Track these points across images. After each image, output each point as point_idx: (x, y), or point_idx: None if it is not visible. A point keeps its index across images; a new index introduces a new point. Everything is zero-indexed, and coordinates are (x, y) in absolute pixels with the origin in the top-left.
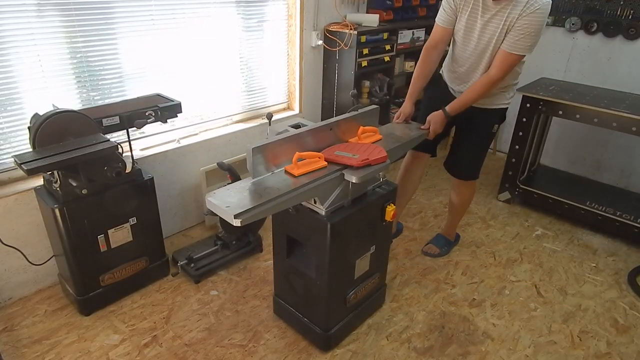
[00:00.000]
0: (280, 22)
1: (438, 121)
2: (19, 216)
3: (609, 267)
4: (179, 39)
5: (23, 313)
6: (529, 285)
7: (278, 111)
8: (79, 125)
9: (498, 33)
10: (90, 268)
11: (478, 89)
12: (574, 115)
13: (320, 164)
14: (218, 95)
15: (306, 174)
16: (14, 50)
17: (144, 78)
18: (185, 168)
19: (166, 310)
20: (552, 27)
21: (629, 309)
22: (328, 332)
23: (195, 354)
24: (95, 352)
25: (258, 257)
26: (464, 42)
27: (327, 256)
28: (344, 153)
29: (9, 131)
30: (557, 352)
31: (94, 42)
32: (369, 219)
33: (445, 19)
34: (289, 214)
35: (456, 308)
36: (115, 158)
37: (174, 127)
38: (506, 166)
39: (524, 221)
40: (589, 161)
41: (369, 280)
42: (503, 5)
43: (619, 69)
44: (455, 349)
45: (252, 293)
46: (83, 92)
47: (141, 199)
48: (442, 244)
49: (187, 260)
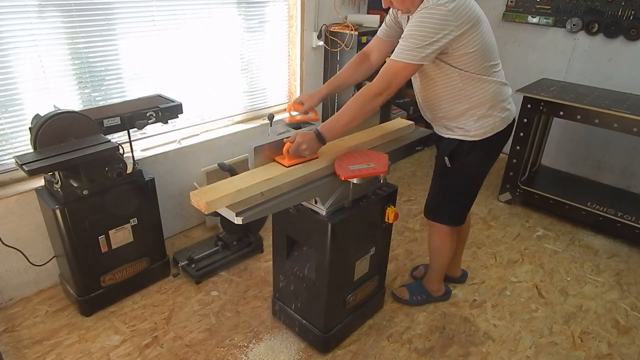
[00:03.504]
0: (281, 22)
1: (304, 142)
2: (20, 217)
3: (610, 268)
4: (180, 40)
5: (24, 314)
6: (530, 286)
7: (279, 112)
8: (80, 126)
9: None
10: (91, 269)
11: (350, 103)
12: (575, 116)
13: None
14: (219, 96)
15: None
16: (15, 50)
17: (145, 79)
18: (186, 169)
19: (167, 311)
20: (553, 28)
21: (630, 310)
22: (327, 334)
23: (195, 354)
24: (96, 353)
25: (259, 258)
26: None
27: (327, 257)
28: (360, 166)
29: (10, 132)
30: (558, 353)
31: (95, 42)
32: (370, 220)
33: (382, 28)
34: (290, 214)
35: (457, 309)
36: (116, 159)
37: (175, 128)
38: (507, 167)
39: (524, 222)
40: (590, 162)
41: (369, 282)
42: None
43: (620, 69)
44: (456, 349)
45: (252, 294)
46: (84, 93)
47: (142, 199)
48: (416, 292)
49: (188, 261)
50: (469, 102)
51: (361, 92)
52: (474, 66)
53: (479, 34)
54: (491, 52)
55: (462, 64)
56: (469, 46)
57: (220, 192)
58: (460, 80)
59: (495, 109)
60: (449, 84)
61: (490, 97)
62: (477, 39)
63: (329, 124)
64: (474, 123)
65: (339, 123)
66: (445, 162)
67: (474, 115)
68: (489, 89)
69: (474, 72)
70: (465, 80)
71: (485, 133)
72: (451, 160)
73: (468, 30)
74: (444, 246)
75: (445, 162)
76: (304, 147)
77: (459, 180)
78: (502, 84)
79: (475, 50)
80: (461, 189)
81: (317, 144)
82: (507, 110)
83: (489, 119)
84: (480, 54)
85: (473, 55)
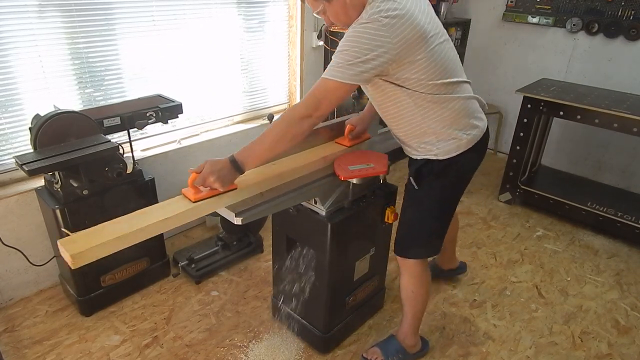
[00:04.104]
0: (281, 22)
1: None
2: (20, 217)
3: (610, 268)
4: (180, 40)
5: (24, 314)
6: (530, 286)
7: (279, 112)
8: (80, 126)
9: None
10: (91, 269)
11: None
12: (575, 116)
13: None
14: (219, 96)
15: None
16: (15, 50)
17: (145, 79)
18: (186, 169)
19: (167, 311)
20: (553, 28)
21: (630, 310)
22: (327, 334)
23: (196, 354)
24: (96, 353)
25: (259, 258)
26: None
27: (327, 257)
28: (360, 166)
29: (10, 132)
30: (558, 353)
31: (95, 42)
32: (369, 220)
33: None
34: (289, 215)
35: (457, 309)
36: (116, 159)
37: (175, 128)
38: (507, 167)
39: (524, 222)
40: (590, 162)
41: (369, 282)
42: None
43: (620, 69)
44: (456, 349)
45: (252, 294)
46: (84, 93)
47: (142, 199)
48: (392, 352)
49: (188, 261)
50: (425, 123)
51: (286, 114)
52: (425, 87)
53: (428, 52)
54: (447, 69)
55: (410, 84)
56: (415, 66)
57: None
58: (411, 101)
59: (456, 129)
60: (399, 104)
61: (449, 117)
62: (423, 58)
63: (247, 151)
64: (435, 142)
65: (258, 150)
66: (411, 187)
67: (433, 136)
68: (447, 108)
69: (427, 92)
70: (417, 100)
71: (448, 152)
72: (418, 182)
73: (410, 48)
74: (420, 287)
75: (412, 184)
76: (211, 180)
77: (428, 205)
78: (466, 99)
79: (423, 69)
80: (433, 214)
81: (232, 173)
82: (475, 127)
83: (450, 141)
84: (431, 73)
85: (422, 75)
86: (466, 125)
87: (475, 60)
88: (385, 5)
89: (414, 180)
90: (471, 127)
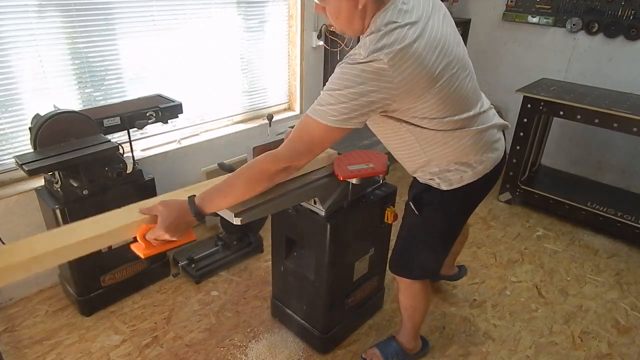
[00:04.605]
0: (281, 22)
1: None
2: (20, 217)
3: (610, 267)
4: (179, 40)
5: (24, 314)
6: (530, 286)
7: (279, 112)
8: (80, 126)
9: None
10: (91, 269)
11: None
12: (575, 116)
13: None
14: (219, 96)
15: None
16: (15, 50)
17: (145, 78)
18: (186, 168)
19: (167, 311)
20: (553, 28)
21: (630, 309)
22: (327, 334)
23: (196, 354)
24: (96, 353)
25: (259, 258)
26: None
27: (327, 257)
28: (360, 166)
29: (10, 132)
30: (558, 353)
31: (95, 42)
32: (369, 220)
33: None
34: (289, 215)
35: (457, 309)
36: (116, 159)
37: (175, 128)
38: (507, 167)
39: (524, 222)
40: (590, 162)
41: (368, 282)
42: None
43: (620, 69)
44: (456, 349)
45: (252, 294)
46: (84, 93)
47: (142, 199)
48: (391, 353)
49: (188, 261)
50: (427, 156)
51: (260, 165)
52: (430, 123)
53: (436, 90)
54: (459, 105)
55: (414, 121)
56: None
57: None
58: (412, 136)
59: (464, 164)
60: (399, 136)
61: (457, 152)
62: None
63: (209, 200)
64: (438, 173)
65: (222, 201)
66: (411, 210)
67: (436, 168)
68: (456, 144)
69: (432, 128)
70: (420, 135)
71: (451, 184)
72: (418, 207)
73: (413, 89)
74: (418, 302)
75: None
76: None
77: (428, 234)
78: (480, 132)
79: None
80: (432, 244)
81: (189, 222)
82: (486, 160)
83: (454, 172)
84: (438, 111)
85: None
86: (477, 160)
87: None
88: (390, 38)
89: (413, 206)
90: (481, 161)
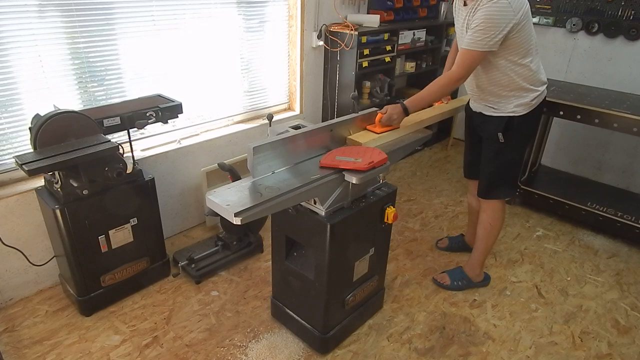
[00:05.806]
0: (281, 22)
1: (394, 113)
2: (20, 217)
3: (610, 268)
4: (180, 40)
5: (24, 314)
6: (530, 286)
7: (279, 112)
8: (80, 126)
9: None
10: (91, 269)
11: (435, 85)
12: (575, 116)
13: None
14: (219, 96)
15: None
16: (15, 50)
17: (145, 78)
18: (186, 168)
19: (167, 311)
20: (553, 28)
21: (630, 309)
22: (327, 334)
23: (195, 354)
24: (96, 353)
25: (259, 258)
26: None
27: (327, 257)
28: (346, 158)
29: (10, 132)
30: (558, 353)
31: (95, 42)
32: (369, 220)
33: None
34: (289, 215)
35: (457, 309)
36: (116, 159)
37: (175, 128)
38: None
39: (524, 222)
40: (590, 162)
41: (368, 282)
42: (470, 7)
43: (620, 69)
44: (456, 349)
45: (252, 294)
46: (84, 93)
47: (142, 199)
48: (457, 277)
49: (188, 261)
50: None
51: (446, 77)
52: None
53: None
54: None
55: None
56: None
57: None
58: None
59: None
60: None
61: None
62: (525, 29)
63: (415, 101)
64: (515, 99)
65: (423, 101)
66: (496, 141)
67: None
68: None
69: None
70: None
71: (531, 106)
72: (505, 136)
73: (521, 21)
74: (497, 221)
75: (499, 138)
76: (394, 118)
77: (512, 153)
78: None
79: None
80: (514, 160)
81: (403, 115)
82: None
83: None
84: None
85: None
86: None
87: None
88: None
89: (502, 136)
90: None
